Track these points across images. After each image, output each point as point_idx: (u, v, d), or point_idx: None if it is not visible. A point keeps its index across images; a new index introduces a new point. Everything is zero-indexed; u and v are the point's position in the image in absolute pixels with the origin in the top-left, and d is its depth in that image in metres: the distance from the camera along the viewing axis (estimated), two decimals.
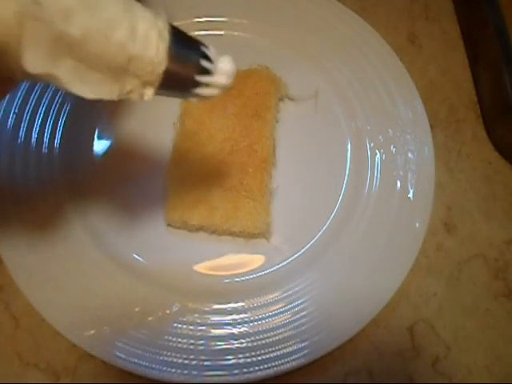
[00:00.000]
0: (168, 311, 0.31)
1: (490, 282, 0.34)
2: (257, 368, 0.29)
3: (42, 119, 0.35)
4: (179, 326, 0.30)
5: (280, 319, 0.31)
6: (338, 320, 0.30)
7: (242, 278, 0.33)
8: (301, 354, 0.29)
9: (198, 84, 0.19)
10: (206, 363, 0.29)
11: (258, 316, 0.31)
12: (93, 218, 0.34)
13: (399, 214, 0.33)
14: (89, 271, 0.31)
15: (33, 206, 0.33)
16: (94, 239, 0.33)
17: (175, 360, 0.29)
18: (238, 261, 0.33)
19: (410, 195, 0.33)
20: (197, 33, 0.38)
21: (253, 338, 0.30)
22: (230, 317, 0.31)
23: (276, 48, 0.38)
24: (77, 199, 0.34)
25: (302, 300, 0.31)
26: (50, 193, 0.33)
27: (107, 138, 0.36)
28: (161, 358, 0.29)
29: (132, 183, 0.35)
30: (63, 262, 0.32)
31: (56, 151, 0.35)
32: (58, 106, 0.36)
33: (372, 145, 0.35)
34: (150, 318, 0.30)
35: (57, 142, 0.35)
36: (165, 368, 0.29)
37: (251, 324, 0.31)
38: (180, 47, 0.18)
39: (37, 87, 0.36)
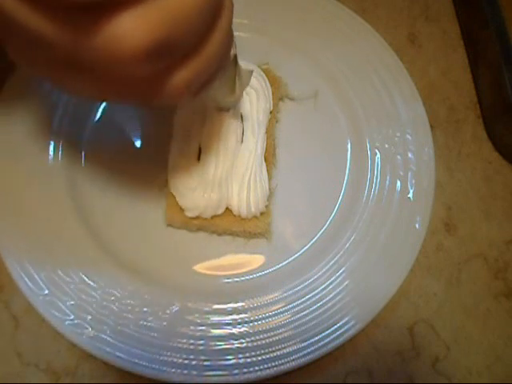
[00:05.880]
0: (168, 311, 0.31)
1: (490, 282, 0.34)
2: (257, 368, 0.29)
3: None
4: (179, 325, 0.30)
5: (280, 319, 0.31)
6: (338, 320, 0.30)
7: (242, 278, 0.33)
8: (301, 353, 0.29)
9: None
10: (205, 363, 0.29)
11: (258, 316, 0.31)
12: (93, 219, 0.34)
13: (399, 214, 0.33)
14: (89, 271, 0.31)
15: (33, 207, 0.33)
16: (94, 239, 0.33)
17: (175, 360, 0.29)
18: (238, 261, 0.33)
19: (410, 195, 0.33)
20: None
21: (253, 338, 0.30)
22: (229, 317, 0.31)
23: (276, 48, 0.38)
24: (77, 200, 0.34)
25: (302, 300, 0.31)
26: (51, 193, 0.33)
27: (108, 138, 0.36)
28: (161, 357, 0.29)
29: (132, 183, 0.35)
30: (63, 261, 0.31)
31: (56, 151, 0.35)
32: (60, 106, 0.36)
33: (372, 145, 0.35)
34: (149, 318, 0.30)
35: (57, 142, 0.35)
36: (165, 368, 0.29)
37: (251, 324, 0.31)
38: None
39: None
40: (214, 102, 0.32)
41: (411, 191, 0.34)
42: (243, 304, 0.31)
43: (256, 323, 0.31)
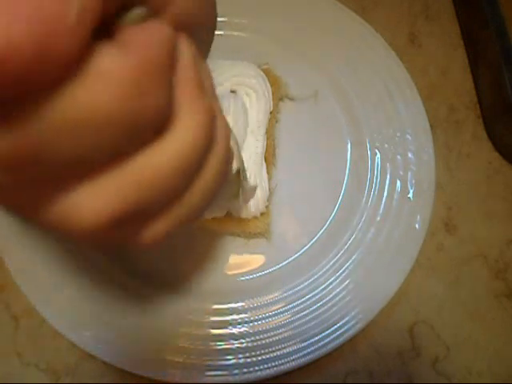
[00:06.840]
0: (168, 311, 0.31)
1: (490, 282, 0.34)
2: (257, 368, 0.29)
3: None
4: (179, 325, 0.30)
5: (280, 319, 0.31)
6: (338, 320, 0.30)
7: (242, 278, 0.33)
8: (301, 354, 0.29)
9: None
10: (206, 363, 0.29)
11: (258, 316, 0.31)
12: None
13: (399, 214, 0.33)
14: (89, 272, 0.31)
15: None
16: None
17: (175, 360, 0.29)
18: (238, 261, 0.33)
19: (410, 195, 0.33)
20: None
21: (253, 338, 0.30)
22: (229, 317, 0.31)
23: (276, 48, 0.38)
24: None
25: (302, 300, 0.31)
26: None
27: None
28: (161, 357, 0.29)
29: None
30: (63, 262, 0.32)
31: None
32: None
33: (372, 145, 0.35)
34: (150, 318, 0.30)
35: None
36: (165, 368, 0.29)
37: (251, 324, 0.31)
38: None
39: None
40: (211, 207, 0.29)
41: (411, 191, 0.34)
42: (243, 304, 0.31)
43: (256, 323, 0.31)
